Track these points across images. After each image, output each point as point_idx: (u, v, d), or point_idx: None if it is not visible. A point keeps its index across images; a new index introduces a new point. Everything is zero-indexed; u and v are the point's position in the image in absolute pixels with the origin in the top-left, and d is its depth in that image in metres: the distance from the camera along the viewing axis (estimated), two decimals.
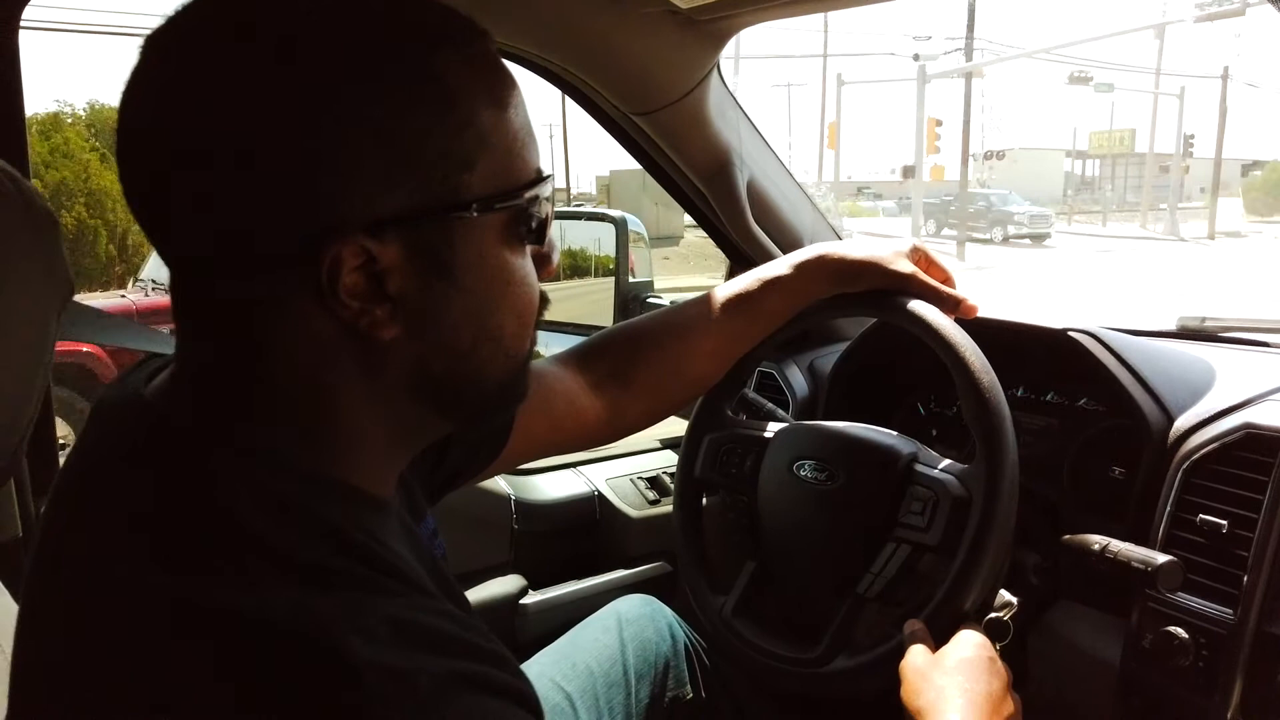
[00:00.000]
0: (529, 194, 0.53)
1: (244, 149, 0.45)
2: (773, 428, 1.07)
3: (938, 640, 0.82)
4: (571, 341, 1.01)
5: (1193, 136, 29.41)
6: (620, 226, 2.03)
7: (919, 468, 0.92)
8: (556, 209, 0.62)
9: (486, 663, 0.48)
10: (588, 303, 2.09)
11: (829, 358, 1.43)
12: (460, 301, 0.52)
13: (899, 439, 0.96)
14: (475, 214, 0.50)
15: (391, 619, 0.45)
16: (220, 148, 0.45)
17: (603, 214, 2.15)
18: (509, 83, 0.53)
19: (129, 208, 0.49)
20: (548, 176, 0.55)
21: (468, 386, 0.55)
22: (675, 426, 1.49)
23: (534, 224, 0.54)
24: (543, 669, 1.09)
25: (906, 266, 0.96)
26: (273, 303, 0.49)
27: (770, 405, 1.20)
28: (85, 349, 5.15)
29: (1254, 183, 43.27)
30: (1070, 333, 1.10)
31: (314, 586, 0.45)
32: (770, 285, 1.00)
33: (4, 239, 0.53)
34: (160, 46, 0.47)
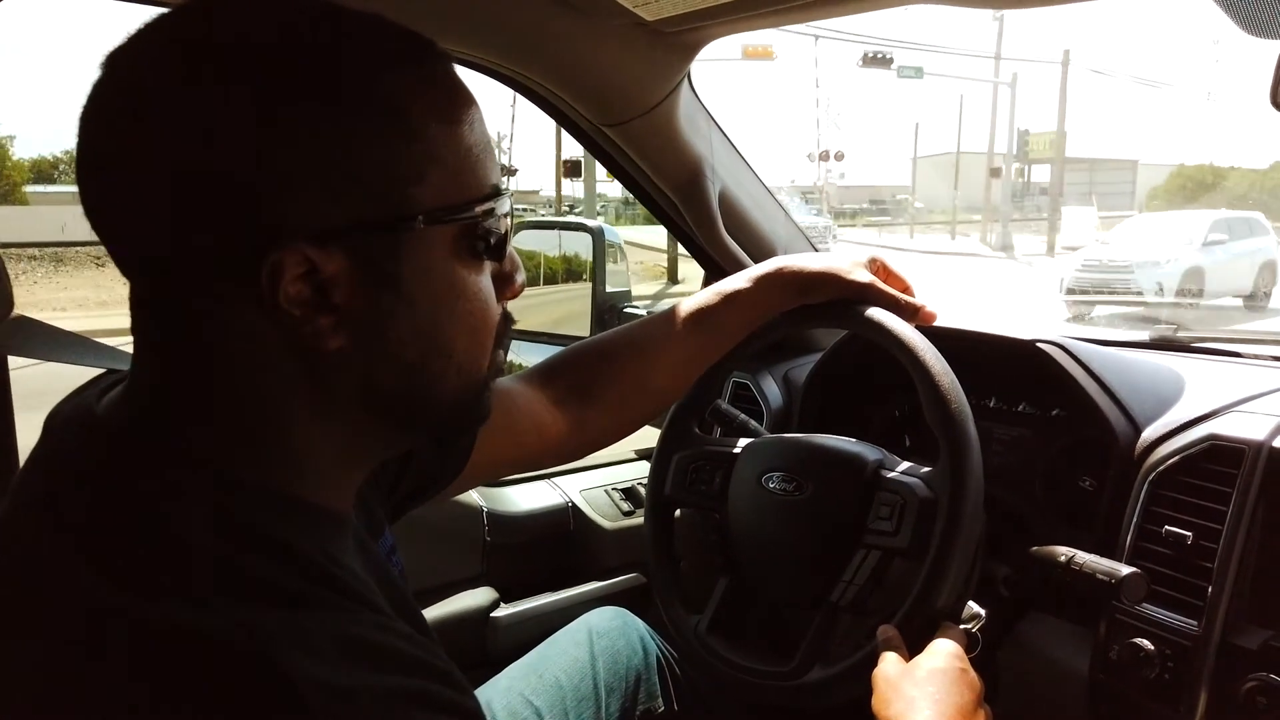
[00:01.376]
0: (481, 208, 0.53)
1: (189, 160, 0.46)
2: (741, 443, 1.07)
3: (911, 645, 0.82)
4: (548, 351, 1.01)
5: (1027, 131, 25.37)
6: (597, 236, 2.04)
7: (885, 473, 0.93)
8: (534, 219, 0.62)
9: (433, 679, 0.48)
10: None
11: (803, 368, 1.43)
12: (408, 315, 0.52)
13: (864, 447, 0.97)
14: (422, 226, 0.50)
15: (337, 636, 0.45)
16: (165, 159, 0.46)
17: (580, 224, 2.16)
18: (463, 100, 0.54)
19: (88, 219, 0.49)
20: (504, 192, 0.56)
21: (419, 402, 0.55)
22: (650, 437, 1.49)
23: (490, 240, 0.55)
24: (512, 683, 1.08)
25: (865, 276, 0.97)
26: (221, 312, 0.49)
27: (744, 417, 1.20)
28: None
29: (1155, 191, 41.51)
30: (1039, 344, 1.11)
31: (259, 602, 0.45)
32: (730, 299, 1.00)
33: None
34: (117, 63, 0.48)
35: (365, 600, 0.50)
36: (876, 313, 0.94)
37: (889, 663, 0.81)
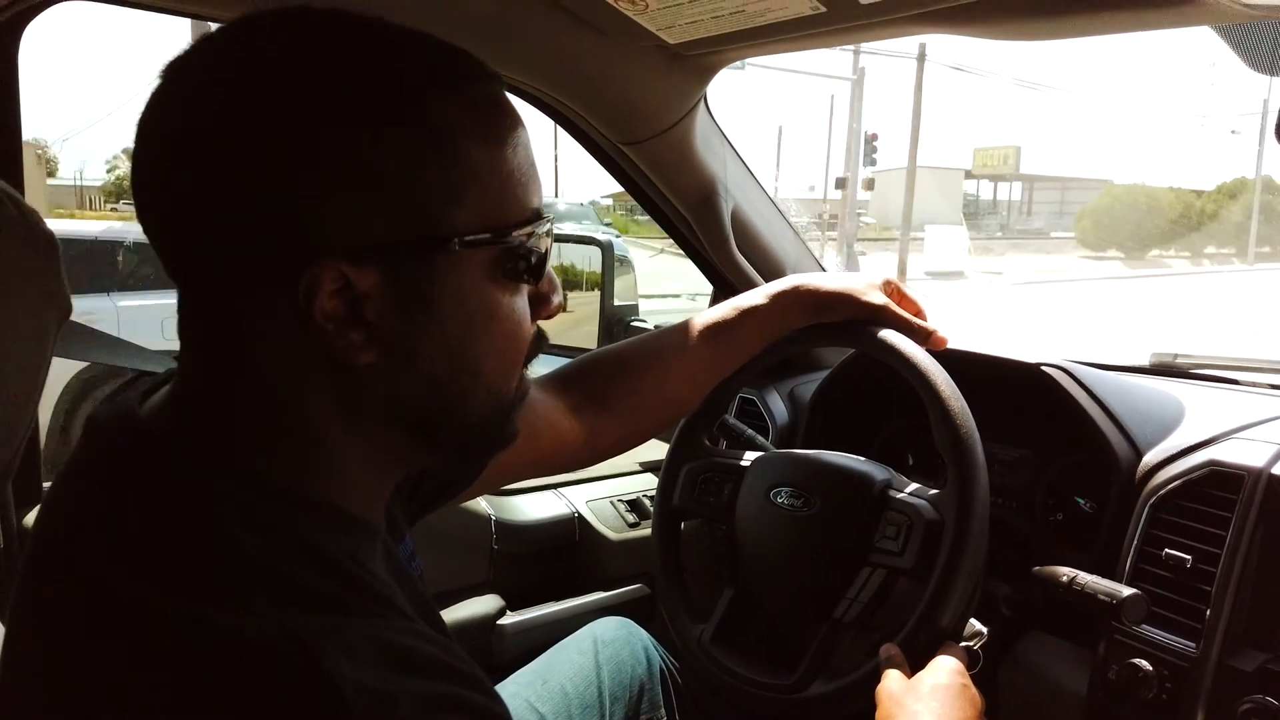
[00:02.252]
0: (520, 232, 0.54)
1: (236, 170, 0.47)
2: (749, 457, 1.09)
3: (913, 663, 0.83)
4: (557, 362, 1.02)
5: (875, 137, 20.71)
6: (606, 250, 2.06)
7: (893, 493, 0.94)
8: None
9: (463, 685, 0.49)
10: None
11: (809, 385, 1.45)
12: (439, 333, 0.52)
13: (873, 466, 0.98)
14: (458, 248, 0.51)
15: (375, 641, 0.46)
16: (216, 168, 0.48)
17: (589, 238, 2.18)
18: (509, 122, 0.54)
19: (140, 222, 0.51)
20: (545, 215, 0.56)
21: (446, 420, 0.56)
22: (656, 449, 1.51)
23: (529, 262, 0.55)
24: (518, 690, 1.09)
25: (879, 299, 0.99)
26: (260, 323, 0.50)
27: (750, 432, 1.22)
28: None
29: (1086, 211, 35.92)
30: (1043, 367, 1.13)
31: (302, 608, 0.46)
32: (747, 314, 1.02)
33: (6, 262, 0.54)
34: (175, 74, 0.50)
35: (395, 606, 0.52)
36: (889, 335, 0.96)
37: (892, 679, 0.82)
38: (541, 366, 1.04)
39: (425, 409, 0.54)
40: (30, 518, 1.13)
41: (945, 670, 0.81)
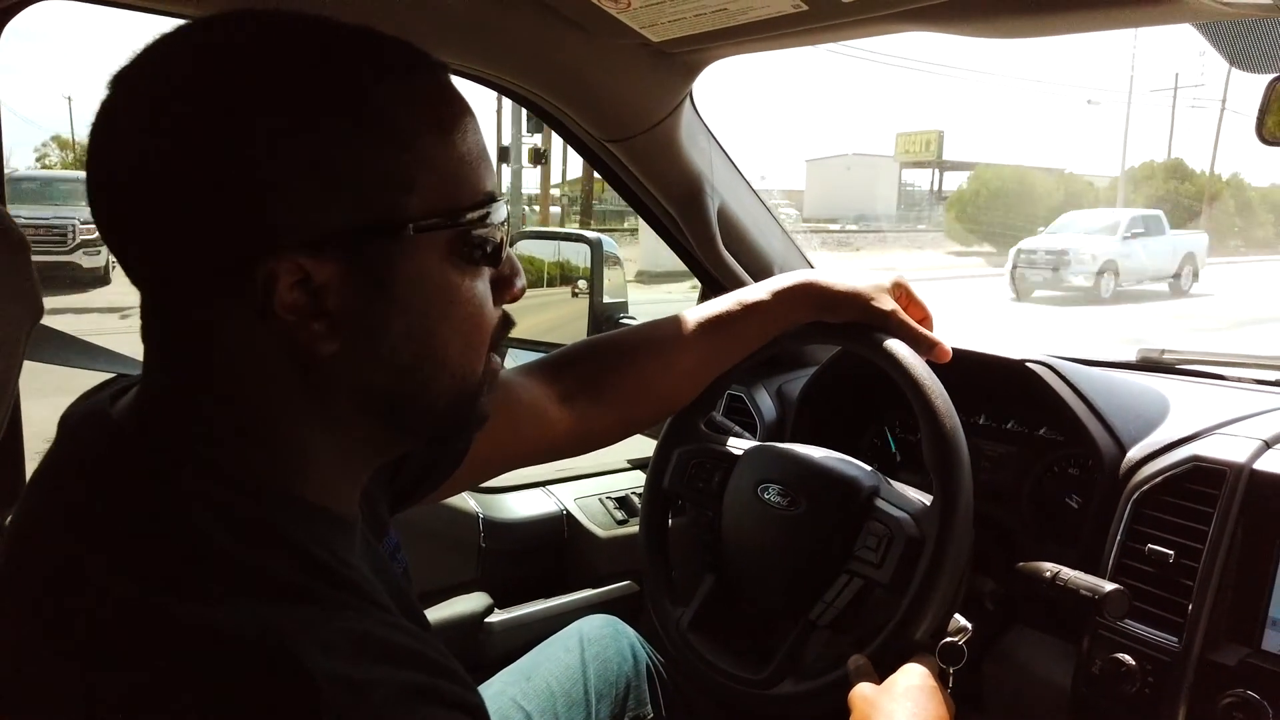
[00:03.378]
0: (473, 215, 0.54)
1: (185, 172, 0.48)
2: (743, 445, 1.08)
3: (883, 674, 0.84)
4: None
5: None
6: (595, 247, 2.05)
7: (878, 502, 0.94)
8: (533, 229, 0.63)
9: (439, 676, 0.50)
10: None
11: (797, 382, 1.45)
12: (400, 319, 0.53)
13: (861, 470, 0.98)
14: (412, 233, 0.52)
15: (349, 633, 0.47)
16: (165, 173, 0.48)
17: (578, 235, 2.17)
18: (457, 109, 0.55)
19: (98, 229, 0.51)
20: (499, 199, 0.57)
21: (413, 406, 0.56)
22: (644, 446, 1.51)
23: (485, 247, 0.56)
24: (503, 687, 1.09)
25: (887, 303, 0.98)
26: (220, 319, 0.50)
27: (737, 429, 1.22)
28: None
29: (952, 199, 31.94)
30: (1028, 364, 1.13)
31: (275, 601, 0.46)
32: (751, 309, 1.01)
33: None
34: (121, 82, 0.50)
35: (373, 599, 0.52)
36: (892, 343, 0.95)
37: (864, 685, 0.82)
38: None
39: (392, 396, 0.55)
40: None
41: (917, 674, 0.82)
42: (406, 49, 0.54)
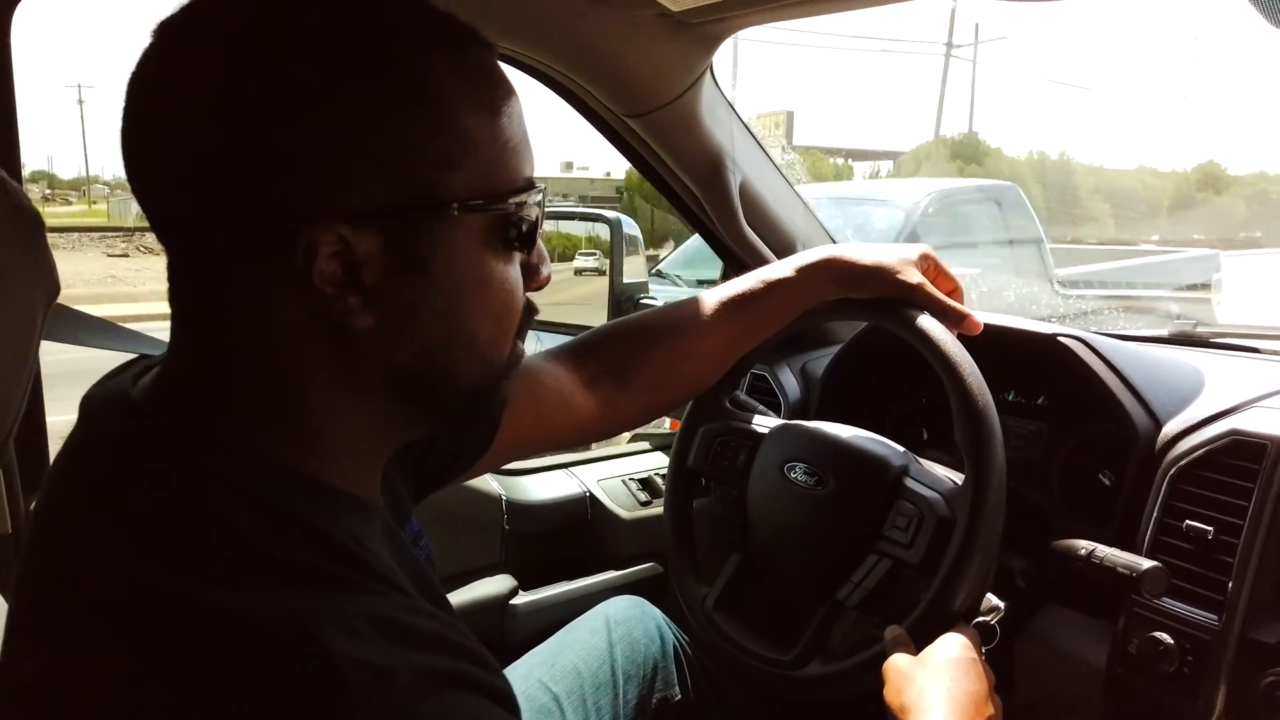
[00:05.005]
0: (514, 200, 0.54)
1: (231, 130, 0.47)
2: (769, 423, 1.07)
3: (920, 644, 0.82)
4: (563, 340, 1.01)
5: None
6: (615, 227, 2.04)
7: (908, 482, 0.92)
8: (554, 209, 0.62)
9: (465, 660, 0.49)
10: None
11: (821, 360, 1.43)
12: (435, 298, 0.52)
13: (890, 449, 0.96)
14: (455, 213, 0.51)
15: (372, 616, 0.46)
16: (210, 134, 0.47)
17: (598, 214, 2.16)
18: (503, 92, 0.54)
19: (130, 186, 0.50)
20: (537, 186, 0.56)
21: (441, 387, 0.56)
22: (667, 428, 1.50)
23: (520, 231, 0.55)
24: (530, 669, 1.09)
25: (914, 276, 0.96)
26: (254, 286, 0.50)
27: (761, 408, 1.20)
28: None
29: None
30: (1060, 338, 1.11)
31: (297, 585, 0.46)
32: (775, 287, 1.00)
33: None
34: (169, 32, 0.49)
35: (395, 585, 0.51)
36: (921, 318, 0.93)
37: (899, 655, 0.81)
38: (550, 344, 1.03)
39: (420, 374, 0.54)
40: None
41: (955, 645, 0.80)
42: (459, 25, 0.53)
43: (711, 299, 1.00)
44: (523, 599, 1.40)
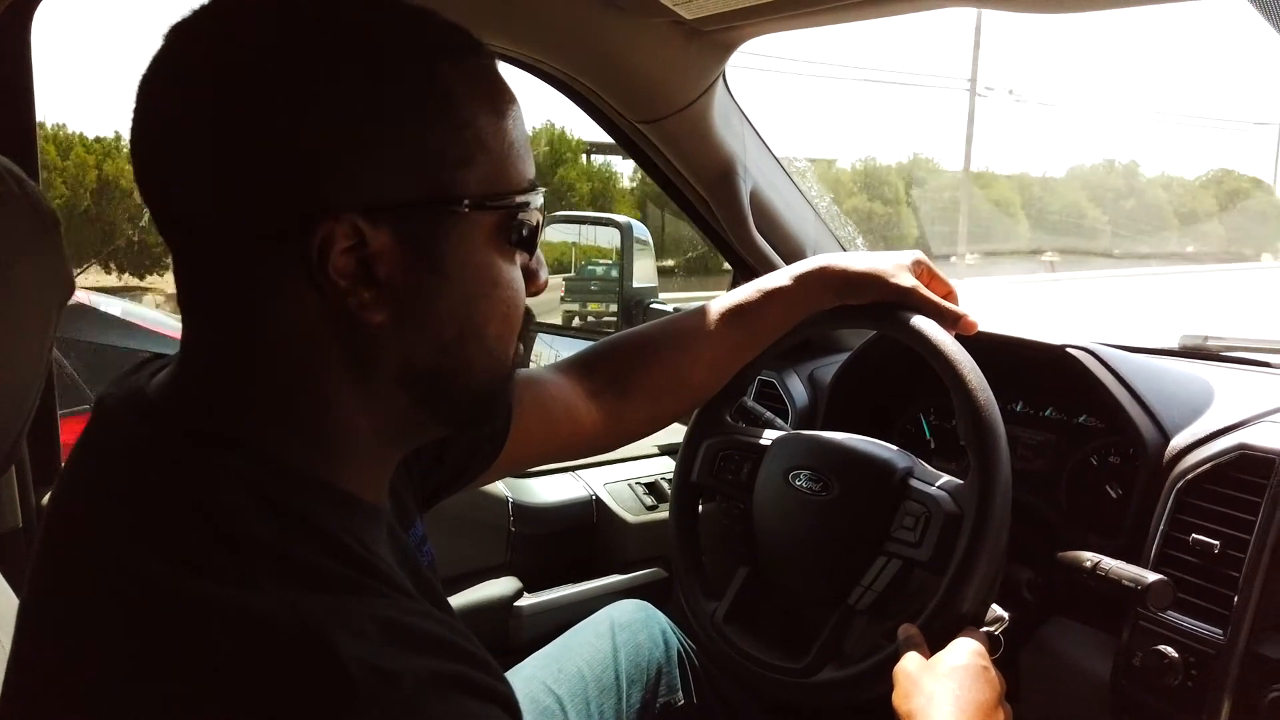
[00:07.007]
0: (520, 199, 0.55)
1: (247, 127, 0.48)
2: (770, 435, 1.07)
3: (933, 646, 0.83)
4: (572, 343, 1.01)
5: None
6: (626, 232, 2.05)
7: (913, 483, 0.92)
8: (564, 212, 0.63)
9: (469, 665, 0.49)
10: None
11: (829, 368, 1.43)
12: (447, 295, 0.53)
13: (895, 453, 0.97)
14: (467, 210, 0.52)
15: (378, 619, 0.46)
16: (223, 125, 0.48)
17: (608, 219, 2.17)
18: (507, 95, 0.55)
19: (139, 187, 0.51)
20: (540, 188, 0.57)
21: (452, 385, 0.56)
22: (674, 433, 1.50)
23: (523, 231, 0.56)
24: (534, 672, 1.09)
25: (908, 280, 0.97)
26: (268, 281, 0.50)
27: (769, 415, 1.20)
28: None
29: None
30: (1069, 349, 1.10)
31: (308, 587, 0.46)
32: (771, 296, 1.01)
33: (8, 238, 0.54)
34: (184, 30, 0.50)
35: (400, 588, 0.52)
36: (918, 320, 0.94)
37: (910, 658, 0.81)
38: (565, 350, 1.03)
39: (432, 371, 0.55)
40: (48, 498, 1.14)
41: (965, 651, 0.81)
42: (464, 33, 0.55)
43: (711, 310, 1.01)
44: (528, 601, 1.41)
